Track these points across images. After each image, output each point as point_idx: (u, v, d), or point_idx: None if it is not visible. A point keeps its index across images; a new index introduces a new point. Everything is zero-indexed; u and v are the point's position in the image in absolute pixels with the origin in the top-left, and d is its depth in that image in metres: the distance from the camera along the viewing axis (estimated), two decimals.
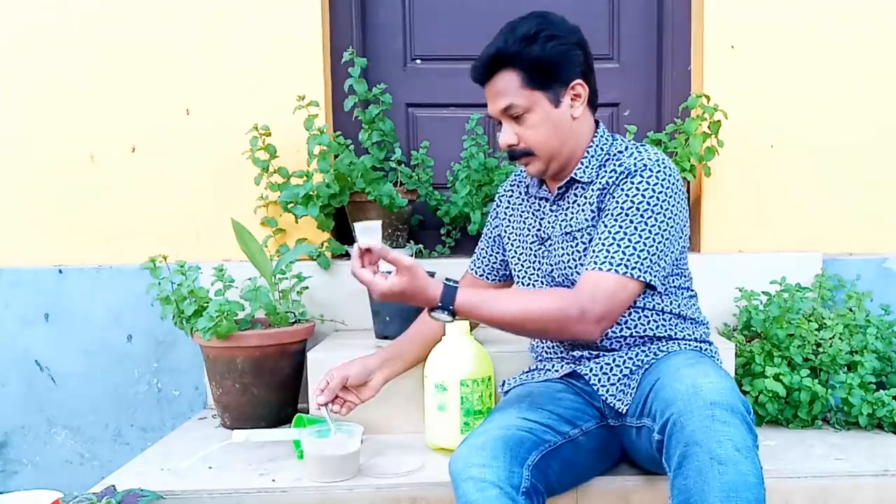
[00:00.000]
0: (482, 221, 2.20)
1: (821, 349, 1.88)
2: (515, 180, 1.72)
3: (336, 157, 2.15)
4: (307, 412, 1.89)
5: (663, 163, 1.46)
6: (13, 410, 2.23)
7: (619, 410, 1.46)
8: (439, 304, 1.36)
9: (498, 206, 1.75)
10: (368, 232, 1.36)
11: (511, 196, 1.71)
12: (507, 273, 1.74)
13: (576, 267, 1.52)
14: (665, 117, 2.37)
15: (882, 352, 1.93)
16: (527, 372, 1.66)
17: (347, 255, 2.26)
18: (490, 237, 1.77)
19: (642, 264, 1.40)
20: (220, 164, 2.20)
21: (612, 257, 1.40)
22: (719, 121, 2.12)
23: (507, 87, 1.47)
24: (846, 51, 2.22)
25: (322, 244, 2.16)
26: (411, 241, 2.26)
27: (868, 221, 2.26)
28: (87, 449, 2.25)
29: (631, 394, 1.45)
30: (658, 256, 1.42)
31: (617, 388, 1.48)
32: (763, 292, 2.06)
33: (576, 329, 1.39)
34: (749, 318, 2.01)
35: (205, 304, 1.88)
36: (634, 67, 2.41)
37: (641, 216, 1.41)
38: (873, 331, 1.93)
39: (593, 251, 1.43)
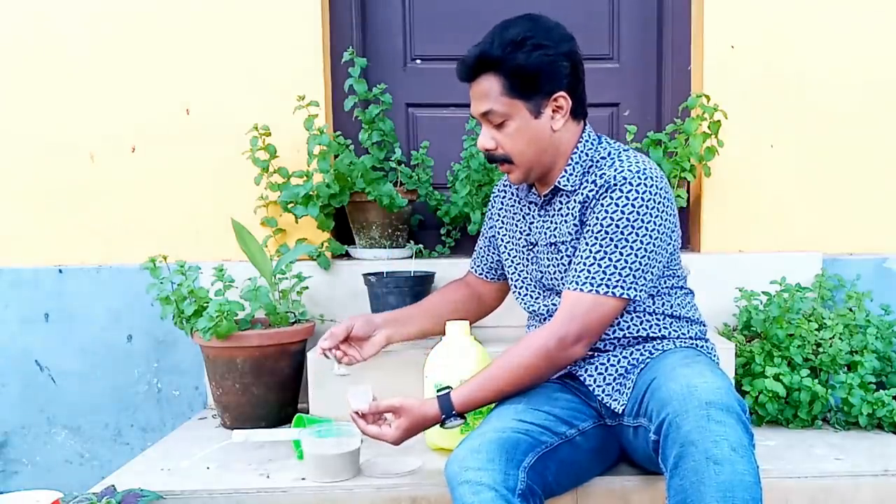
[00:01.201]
0: (482, 221, 2.20)
1: (821, 349, 1.88)
2: (505, 185, 1.71)
3: (336, 157, 2.15)
4: (307, 412, 1.89)
5: (644, 173, 1.42)
6: (13, 410, 2.23)
7: (616, 410, 1.46)
8: (444, 417, 1.43)
9: (492, 206, 1.74)
10: (359, 396, 1.50)
11: (504, 196, 1.70)
12: (505, 273, 1.74)
13: (561, 278, 1.52)
14: (665, 117, 2.37)
15: (882, 352, 1.93)
16: None
17: (347, 255, 2.26)
18: (486, 237, 1.77)
19: (624, 281, 1.40)
20: (220, 164, 2.20)
21: (593, 277, 1.40)
22: (719, 121, 2.12)
23: (489, 91, 1.45)
24: (846, 50, 2.22)
25: (322, 244, 2.16)
26: (411, 241, 2.26)
27: (868, 221, 2.26)
28: (87, 449, 2.25)
29: (627, 393, 1.45)
30: (641, 271, 1.41)
31: (613, 387, 1.48)
32: (763, 292, 2.06)
33: (562, 358, 1.43)
34: (749, 318, 2.01)
35: (205, 304, 1.88)
36: (634, 67, 2.40)
37: (621, 233, 1.40)
38: (873, 331, 1.93)
39: (574, 270, 1.44)
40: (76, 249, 2.23)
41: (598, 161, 1.50)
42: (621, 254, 1.40)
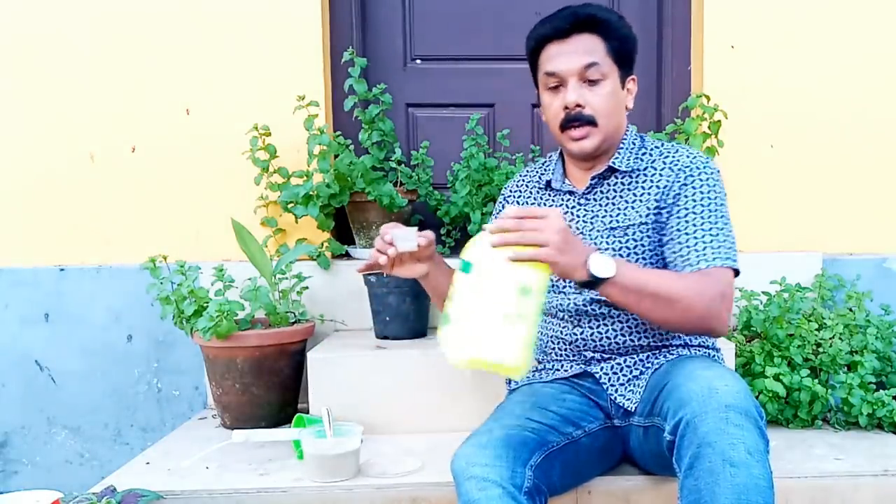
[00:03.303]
0: (482, 221, 2.20)
1: (821, 349, 1.88)
2: (523, 180, 1.68)
3: (336, 157, 2.15)
4: (307, 412, 1.89)
5: (712, 160, 1.50)
6: (13, 410, 2.23)
7: (628, 409, 1.46)
8: (592, 254, 1.27)
9: (506, 202, 1.70)
10: (404, 238, 1.44)
11: (520, 196, 1.67)
12: None
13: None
14: (665, 117, 2.37)
15: (882, 352, 1.93)
16: (534, 371, 1.64)
17: (347, 255, 2.26)
18: None
19: (733, 254, 1.42)
20: (220, 164, 2.20)
21: (717, 252, 1.40)
22: (719, 121, 2.11)
23: (594, 48, 1.46)
24: (847, 50, 2.22)
25: (322, 244, 2.16)
26: None
27: (868, 221, 2.26)
28: (87, 449, 2.25)
29: (639, 392, 1.45)
30: (735, 244, 1.44)
31: (626, 388, 1.48)
32: (763, 292, 2.06)
33: (713, 317, 1.35)
34: (749, 318, 2.01)
35: (205, 304, 1.88)
36: (634, 67, 2.40)
37: (718, 208, 1.44)
38: (873, 331, 1.93)
39: (691, 250, 1.41)
40: (76, 249, 2.23)
41: (650, 148, 1.54)
42: (727, 228, 1.44)
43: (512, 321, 1.23)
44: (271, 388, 1.92)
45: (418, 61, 2.42)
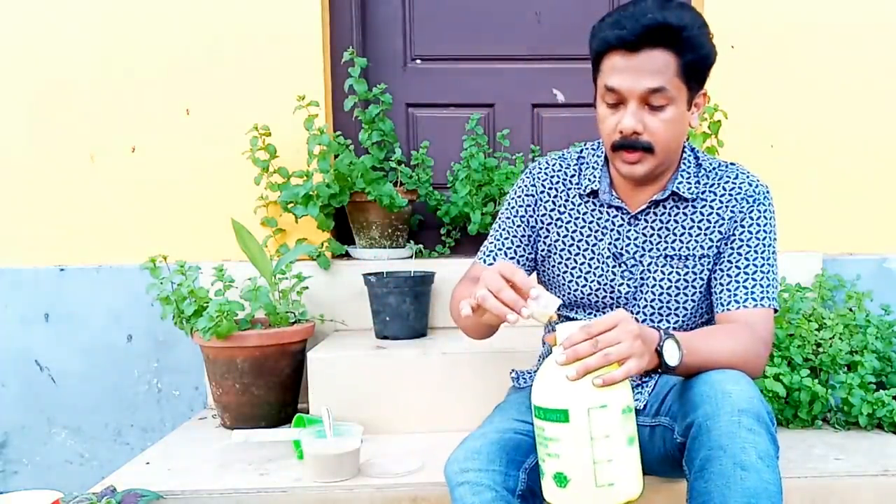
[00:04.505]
0: (482, 221, 2.20)
1: (821, 349, 1.88)
2: (557, 177, 1.50)
3: (336, 157, 2.16)
4: (307, 412, 1.89)
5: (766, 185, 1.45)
6: (13, 410, 2.23)
7: (636, 408, 1.45)
8: (664, 338, 1.21)
9: (538, 201, 1.50)
10: (542, 300, 1.19)
11: (556, 194, 1.49)
12: (544, 277, 1.55)
13: (676, 295, 1.44)
14: None
15: (882, 352, 1.93)
16: (538, 369, 1.62)
17: (347, 255, 2.26)
18: (521, 235, 1.51)
19: (776, 292, 1.40)
20: (220, 164, 2.20)
21: (765, 291, 1.38)
22: (719, 121, 2.11)
23: (664, 68, 1.29)
24: (846, 50, 2.22)
25: (322, 244, 2.16)
26: (411, 241, 2.26)
27: (868, 221, 2.26)
28: (87, 449, 2.25)
29: (647, 392, 1.45)
30: (778, 280, 1.42)
31: (635, 390, 1.47)
32: None
33: (759, 372, 1.35)
34: None
35: (205, 304, 1.88)
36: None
37: (772, 243, 1.41)
38: (873, 331, 1.93)
39: (740, 286, 1.39)
40: (76, 249, 2.23)
41: (708, 170, 1.45)
42: (771, 266, 1.40)
43: (628, 447, 1.13)
44: (271, 388, 1.92)
45: (418, 61, 2.42)
